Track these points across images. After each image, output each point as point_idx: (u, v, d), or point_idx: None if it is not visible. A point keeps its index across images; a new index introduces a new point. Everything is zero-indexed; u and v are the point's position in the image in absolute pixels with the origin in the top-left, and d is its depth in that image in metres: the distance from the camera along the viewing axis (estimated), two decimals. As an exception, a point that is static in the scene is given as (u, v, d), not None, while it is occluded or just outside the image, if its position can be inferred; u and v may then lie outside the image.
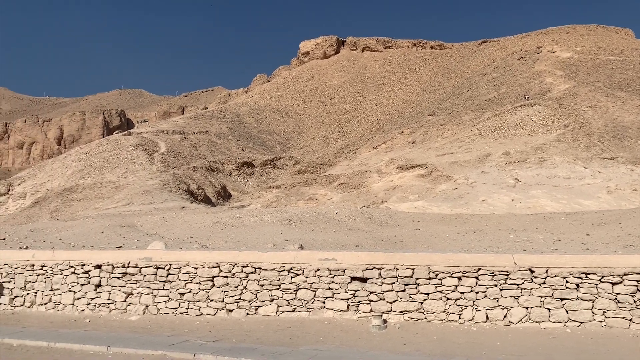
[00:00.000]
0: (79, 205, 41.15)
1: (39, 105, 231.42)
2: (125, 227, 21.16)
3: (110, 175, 50.35)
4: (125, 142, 64.76)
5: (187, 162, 60.41)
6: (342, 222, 22.19)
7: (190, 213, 27.66)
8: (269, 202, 47.43)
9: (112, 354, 7.77)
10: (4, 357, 7.87)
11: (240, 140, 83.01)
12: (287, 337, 8.24)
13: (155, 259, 10.31)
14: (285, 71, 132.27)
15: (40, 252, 11.60)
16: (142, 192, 40.86)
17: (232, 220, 22.19)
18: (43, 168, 66.68)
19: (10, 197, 54.69)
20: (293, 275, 9.51)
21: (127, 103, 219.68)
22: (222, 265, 9.87)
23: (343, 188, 45.84)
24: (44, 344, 8.42)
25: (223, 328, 9.00)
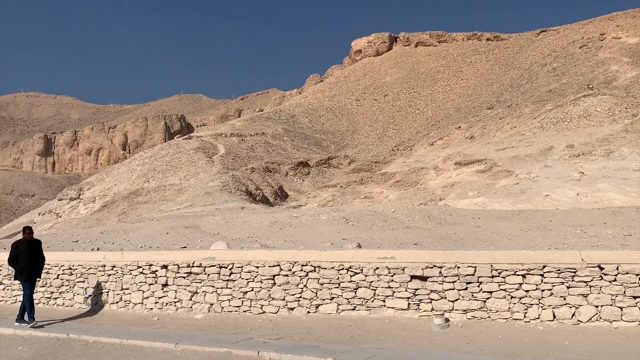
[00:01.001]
0: (144, 207, 42.85)
1: (104, 113, 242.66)
2: (188, 228, 21.89)
3: (172, 178, 52.13)
4: (186, 145, 66.89)
5: (245, 163, 61.70)
6: (400, 220, 22.02)
7: (249, 213, 28.24)
8: (325, 202, 47.68)
9: (180, 351, 8.08)
10: (81, 353, 8.32)
11: (295, 140, 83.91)
12: (349, 335, 8.29)
13: (218, 259, 10.61)
14: (337, 70, 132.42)
15: (111, 254, 12.18)
16: (204, 194, 42.07)
17: (290, 219, 22.50)
18: (110, 173, 69.94)
19: (81, 201, 57.68)
20: (352, 274, 9.54)
21: (186, 108, 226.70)
22: (282, 264, 10.04)
23: (399, 186, 45.43)
24: (116, 341, 8.85)
25: (285, 326, 9.17)
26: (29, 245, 10.86)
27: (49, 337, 9.46)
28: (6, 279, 13.02)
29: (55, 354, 8.27)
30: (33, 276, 10.75)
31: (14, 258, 10.74)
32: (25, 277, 10.64)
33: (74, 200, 59.73)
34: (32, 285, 10.80)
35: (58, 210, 59.73)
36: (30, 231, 11.22)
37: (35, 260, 10.83)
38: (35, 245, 11.03)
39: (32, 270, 10.70)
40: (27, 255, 10.66)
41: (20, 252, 10.71)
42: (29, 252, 10.74)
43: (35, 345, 8.98)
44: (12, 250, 10.88)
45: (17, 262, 10.68)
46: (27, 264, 10.61)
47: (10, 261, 10.82)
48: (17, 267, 10.70)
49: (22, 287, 10.91)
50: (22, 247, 10.78)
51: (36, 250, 10.94)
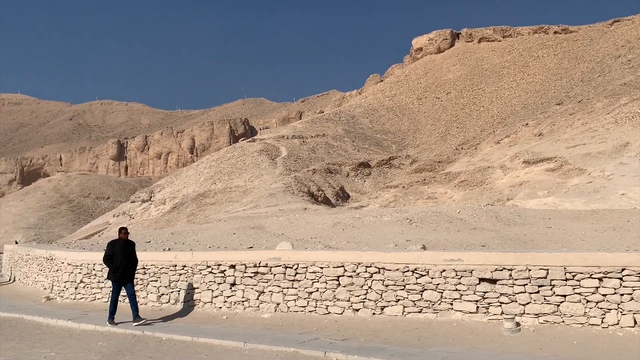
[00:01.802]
0: (212, 209, 44.17)
1: (172, 118, 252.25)
2: (254, 228, 22.36)
3: (238, 180, 53.44)
4: (250, 148, 68.41)
5: (306, 165, 62.30)
6: (466, 221, 21.51)
7: (312, 214, 28.49)
8: (387, 202, 47.31)
9: (249, 350, 8.26)
10: (155, 350, 8.69)
11: (356, 141, 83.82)
12: (415, 338, 8.20)
13: (283, 259, 10.77)
14: (398, 69, 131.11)
15: (181, 254, 12.62)
16: (267, 195, 42.84)
17: (352, 220, 22.50)
18: (179, 176, 72.63)
19: (152, 203, 60.23)
20: (418, 276, 9.42)
21: (249, 111, 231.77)
22: (347, 265, 10.05)
23: (464, 186, 44.38)
24: (188, 339, 9.16)
25: (350, 327, 9.18)
26: (124, 245, 10.96)
27: (125, 334, 9.94)
28: (86, 278, 13.80)
29: (132, 350, 8.67)
30: (125, 278, 10.84)
31: (108, 257, 10.84)
32: (118, 277, 10.76)
33: (145, 203, 62.49)
34: (121, 287, 10.89)
35: (131, 212, 62.67)
36: (126, 231, 11.30)
37: (129, 261, 10.95)
38: (130, 246, 11.13)
39: (125, 272, 10.80)
40: (122, 256, 10.77)
41: (115, 252, 10.80)
42: (124, 252, 10.85)
43: (113, 341, 9.47)
44: (108, 248, 10.96)
45: (112, 261, 10.79)
46: (121, 264, 10.72)
47: (106, 260, 10.92)
48: (111, 266, 10.80)
49: (112, 287, 11.05)
50: (118, 247, 10.87)
51: (130, 252, 11.04)
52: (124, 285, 10.90)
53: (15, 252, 23.16)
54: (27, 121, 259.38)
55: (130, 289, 10.92)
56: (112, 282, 10.94)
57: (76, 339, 9.68)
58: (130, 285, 10.95)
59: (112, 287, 10.96)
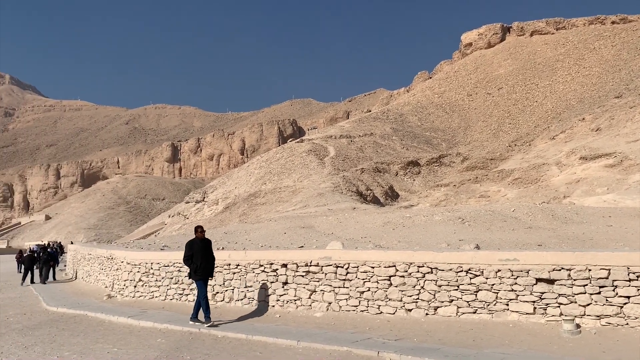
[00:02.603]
0: (263, 208, 44.81)
1: (223, 121, 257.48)
2: (304, 228, 22.54)
3: (287, 180, 53.96)
4: (299, 148, 68.94)
5: (354, 164, 62.20)
6: (520, 220, 20.92)
7: (361, 213, 28.43)
8: (438, 201, 46.61)
9: (302, 348, 8.35)
10: (211, 347, 8.91)
11: (404, 139, 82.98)
12: (470, 339, 8.06)
13: (334, 258, 10.81)
14: (447, 66, 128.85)
15: (235, 253, 12.86)
16: (316, 195, 43.05)
17: (402, 220, 22.31)
18: (230, 176, 74.08)
19: (205, 203, 61.71)
20: (472, 276, 9.25)
21: (297, 112, 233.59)
22: (398, 265, 9.98)
23: (518, 183, 43.16)
24: (242, 337, 9.35)
25: (403, 327, 9.12)
26: (202, 244, 10.94)
27: (182, 331, 10.24)
28: (144, 276, 14.30)
29: (190, 347, 8.93)
30: (207, 275, 10.86)
31: (189, 257, 10.83)
32: (200, 276, 10.74)
33: (199, 203, 64.09)
34: (206, 284, 10.92)
35: (185, 213, 64.44)
36: (202, 230, 11.24)
37: (208, 259, 10.97)
38: (207, 244, 11.11)
39: (206, 269, 10.82)
40: (201, 254, 10.78)
41: (195, 252, 10.80)
42: (202, 251, 10.84)
43: (171, 337, 9.77)
44: (187, 249, 10.94)
45: (192, 261, 10.78)
46: (201, 263, 10.72)
47: (186, 260, 10.93)
48: (192, 266, 10.79)
49: (196, 286, 10.96)
50: (196, 246, 10.85)
51: (208, 249, 11.05)
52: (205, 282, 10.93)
53: (78, 252, 24.27)
54: (87, 126, 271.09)
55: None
56: (195, 281, 10.93)
57: (136, 336, 10.06)
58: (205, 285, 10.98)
59: (198, 286, 10.89)
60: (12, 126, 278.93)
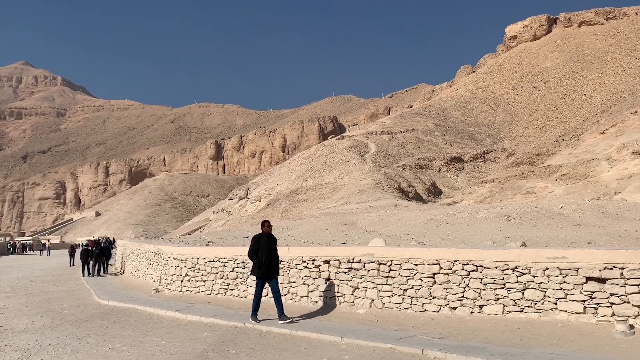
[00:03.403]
0: (304, 205, 45.07)
1: (265, 118, 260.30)
2: (345, 224, 22.57)
3: (328, 177, 54.08)
4: (339, 145, 68.91)
5: (396, 160, 61.70)
6: (569, 217, 20.31)
7: (403, 210, 28.21)
8: (482, 198, 45.73)
9: (346, 345, 8.38)
10: (256, 341, 9.05)
11: (447, 135, 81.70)
12: (517, 338, 7.90)
13: (377, 255, 10.78)
14: (491, 59, 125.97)
15: (278, 249, 12.99)
16: (357, 192, 42.98)
17: (446, 217, 22.02)
18: (272, 173, 74.83)
19: (248, 200, 62.59)
20: (518, 274, 9.06)
21: (338, 109, 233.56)
22: (442, 263, 9.87)
23: (566, 179, 41.85)
24: (286, 332, 9.45)
25: (448, 325, 9.02)
26: (268, 239, 10.53)
27: (228, 325, 10.43)
28: (191, 271, 14.64)
29: (235, 341, 9.10)
30: (270, 273, 10.46)
31: (253, 252, 10.44)
32: (262, 272, 10.38)
33: (242, 200, 65.06)
34: (264, 283, 10.57)
35: (229, 209, 65.54)
36: (269, 225, 10.78)
37: (273, 256, 10.54)
38: (273, 240, 10.67)
39: (270, 267, 10.42)
40: (266, 251, 10.38)
41: (260, 246, 10.40)
42: (268, 247, 10.45)
43: (217, 331, 9.98)
44: (253, 243, 10.53)
45: (257, 256, 10.41)
46: (265, 259, 10.34)
47: (250, 254, 10.53)
48: (256, 261, 10.42)
49: (256, 282, 10.68)
50: (262, 241, 10.45)
51: (273, 246, 10.63)
52: (268, 282, 10.56)
53: (126, 247, 25.09)
54: (134, 125, 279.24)
55: (275, 286, 10.49)
56: (256, 278, 10.62)
57: (183, 329, 10.32)
58: (274, 282, 10.53)
59: (256, 283, 10.63)
60: (64, 126, 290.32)
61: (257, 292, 10.49)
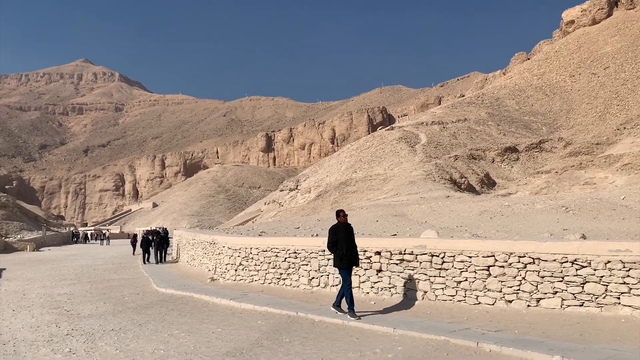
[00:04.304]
0: (354, 197, 45.05)
1: (314, 110, 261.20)
2: (396, 216, 22.40)
3: (378, 169, 53.78)
4: (389, 136, 68.32)
5: (447, 151, 60.60)
6: (632, 208, 19.41)
7: (455, 202, 27.73)
8: (538, 189, 44.32)
9: (399, 336, 8.37)
10: (309, 330, 9.16)
11: (501, 124, 79.44)
12: (577, 333, 7.66)
13: (429, 247, 10.68)
14: (546, 45, 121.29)
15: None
16: (408, 183, 42.54)
17: (500, 208, 21.49)
18: (322, 165, 75.11)
19: (298, 191, 63.13)
20: (578, 267, 8.77)
21: (387, 100, 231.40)
22: (497, 255, 9.68)
23: (628, 169, 39.93)
24: (339, 322, 9.52)
25: (503, 318, 8.85)
26: (345, 229, 10.15)
27: (281, 314, 10.61)
28: (244, 261, 14.96)
29: (288, 329, 9.26)
30: (352, 264, 10.09)
31: (333, 243, 10.09)
32: (346, 264, 9.98)
33: (292, 191, 65.71)
34: (351, 272, 10.19)
35: (280, 200, 66.36)
36: (345, 214, 10.37)
37: (352, 246, 10.16)
38: (350, 230, 10.27)
39: (352, 258, 10.03)
40: (346, 241, 10.00)
41: (339, 238, 10.02)
42: (347, 237, 10.06)
43: (271, 320, 10.17)
44: (331, 234, 10.18)
45: (337, 248, 10.03)
46: (346, 250, 9.95)
47: (330, 247, 10.17)
48: (337, 253, 10.02)
49: (340, 275, 10.23)
50: (340, 232, 10.07)
51: (351, 235, 10.23)
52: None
53: (182, 237, 25.89)
54: (188, 119, 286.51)
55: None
56: (339, 269, 10.15)
57: (238, 317, 10.57)
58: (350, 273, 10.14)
59: (342, 275, 10.14)
60: (122, 120, 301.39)
61: (347, 283, 9.96)
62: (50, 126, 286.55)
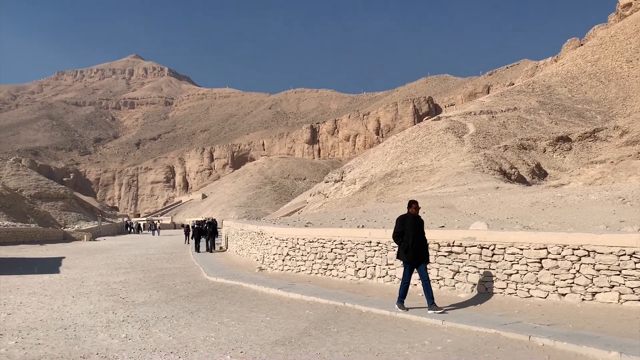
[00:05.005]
0: (399, 188, 44.70)
1: (358, 102, 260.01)
2: (443, 207, 22.09)
3: (424, 159, 53.09)
4: (435, 127, 67.26)
5: (496, 141, 59.13)
6: (696, 199, 18.43)
7: (505, 193, 27.08)
8: (593, 180, 42.69)
9: (447, 328, 8.29)
10: (356, 321, 9.19)
11: (552, 113, 76.79)
12: (636, 329, 7.37)
13: (478, 239, 10.50)
14: (601, 30, 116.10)
15: (376, 231, 13.05)
16: (455, 174, 41.84)
17: (553, 199, 20.85)
18: (367, 157, 74.80)
19: (343, 183, 63.15)
20: (637, 261, 8.43)
21: (433, 89, 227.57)
22: (550, 247, 9.42)
23: (692, 158, 37.87)
24: (386, 313, 9.50)
25: (556, 312, 8.61)
26: (414, 221, 9.65)
27: (328, 304, 10.69)
28: (291, 251, 15.14)
29: (336, 320, 9.32)
30: (418, 258, 9.56)
31: (398, 234, 9.65)
32: (410, 257, 9.51)
33: (337, 183, 65.82)
34: (413, 269, 9.70)
35: (325, 192, 66.61)
36: (417, 206, 9.88)
37: (421, 239, 9.65)
38: (420, 222, 9.75)
39: (418, 251, 9.52)
40: (413, 233, 9.51)
41: (406, 229, 9.56)
42: (415, 229, 9.57)
43: (318, 310, 10.26)
44: (398, 225, 9.72)
45: (402, 239, 9.60)
46: (412, 242, 9.47)
47: (396, 237, 9.73)
48: (402, 244, 9.58)
49: (403, 268, 9.84)
50: (408, 223, 9.60)
51: (420, 228, 9.72)
52: (417, 267, 9.68)
53: (231, 227, 26.44)
54: (235, 112, 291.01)
55: (423, 273, 9.60)
56: (403, 262, 9.82)
57: (286, 307, 10.72)
58: (423, 268, 9.62)
59: (404, 269, 9.79)
60: (172, 114, 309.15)
61: (405, 278, 9.68)
62: (104, 120, 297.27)
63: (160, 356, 7.10)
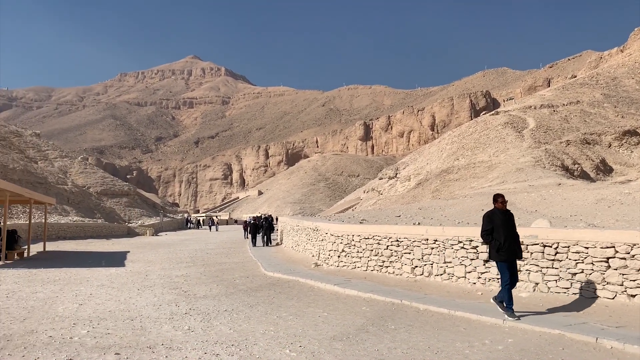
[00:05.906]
0: (456, 185, 43.85)
1: (412, 97, 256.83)
2: (502, 205, 21.48)
3: (482, 155, 51.84)
4: (494, 121, 65.49)
5: (558, 136, 56.91)
6: None
7: (568, 190, 26.05)
8: (665, 175, 40.30)
9: (508, 328, 8.10)
10: (414, 319, 9.13)
11: (618, 106, 73.03)
12: None
13: (541, 237, 10.19)
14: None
15: (432, 228, 12.90)
16: (515, 170, 40.63)
17: (620, 196, 19.89)
18: (422, 153, 73.79)
19: (398, 179, 62.60)
20: None
21: (490, 83, 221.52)
22: (618, 246, 9.02)
23: None
24: (444, 311, 9.39)
25: (625, 314, 8.25)
26: (503, 216, 8.90)
27: (385, 301, 10.66)
28: (347, 247, 15.19)
29: (393, 317, 9.29)
30: (514, 255, 8.81)
31: (487, 232, 8.88)
32: (504, 256, 8.72)
33: (391, 179, 65.32)
34: (511, 267, 8.84)
35: (379, 188, 66.24)
36: (504, 200, 9.07)
37: (514, 235, 8.89)
38: (510, 217, 9.00)
39: (511, 248, 8.76)
40: (503, 230, 8.75)
41: (495, 225, 8.80)
42: (505, 225, 8.81)
43: (375, 306, 10.26)
44: (485, 222, 8.95)
45: (492, 237, 8.85)
46: (505, 240, 8.70)
47: (484, 236, 8.95)
48: (493, 243, 8.83)
49: (498, 268, 9.00)
50: (497, 219, 8.84)
51: (511, 223, 8.96)
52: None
53: (286, 223, 26.80)
54: (289, 109, 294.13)
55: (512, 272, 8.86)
56: (497, 262, 8.93)
57: (343, 303, 10.78)
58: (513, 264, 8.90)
59: (500, 270, 8.89)
60: (229, 113, 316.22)
61: (505, 279, 8.76)
62: (164, 119, 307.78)
63: (222, 348, 7.31)
